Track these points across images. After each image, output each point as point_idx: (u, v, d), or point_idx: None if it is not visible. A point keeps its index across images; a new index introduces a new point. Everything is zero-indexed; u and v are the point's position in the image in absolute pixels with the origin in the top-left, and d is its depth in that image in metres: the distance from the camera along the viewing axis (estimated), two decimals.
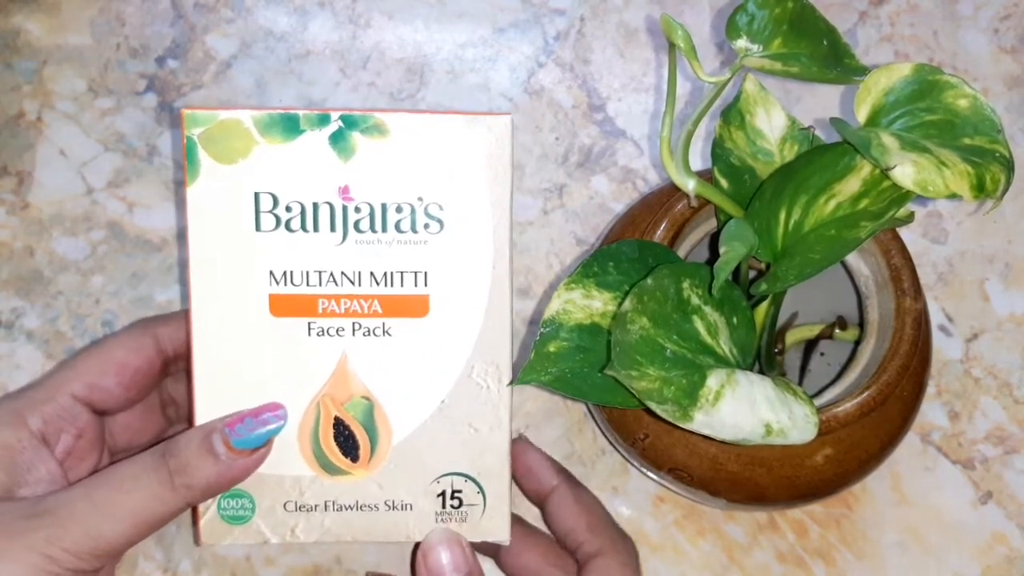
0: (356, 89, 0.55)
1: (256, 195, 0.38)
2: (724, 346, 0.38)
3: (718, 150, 0.41)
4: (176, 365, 0.43)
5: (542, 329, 0.38)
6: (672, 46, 0.37)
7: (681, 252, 0.44)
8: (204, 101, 0.54)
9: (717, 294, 0.37)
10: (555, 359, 0.38)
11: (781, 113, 0.41)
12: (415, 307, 0.39)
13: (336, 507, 0.40)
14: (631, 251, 0.39)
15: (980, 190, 0.34)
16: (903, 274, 0.41)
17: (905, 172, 0.34)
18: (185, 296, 0.52)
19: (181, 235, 0.52)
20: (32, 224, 0.52)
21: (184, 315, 0.43)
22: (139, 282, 0.52)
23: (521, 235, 0.53)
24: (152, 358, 0.41)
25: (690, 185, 0.40)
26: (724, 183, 0.41)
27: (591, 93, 0.55)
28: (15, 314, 0.51)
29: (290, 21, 0.56)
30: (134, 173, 0.53)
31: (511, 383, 0.40)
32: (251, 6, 0.56)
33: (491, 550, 0.45)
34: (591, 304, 0.38)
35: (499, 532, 0.41)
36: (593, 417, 0.50)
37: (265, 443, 0.38)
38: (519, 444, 0.45)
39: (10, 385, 0.51)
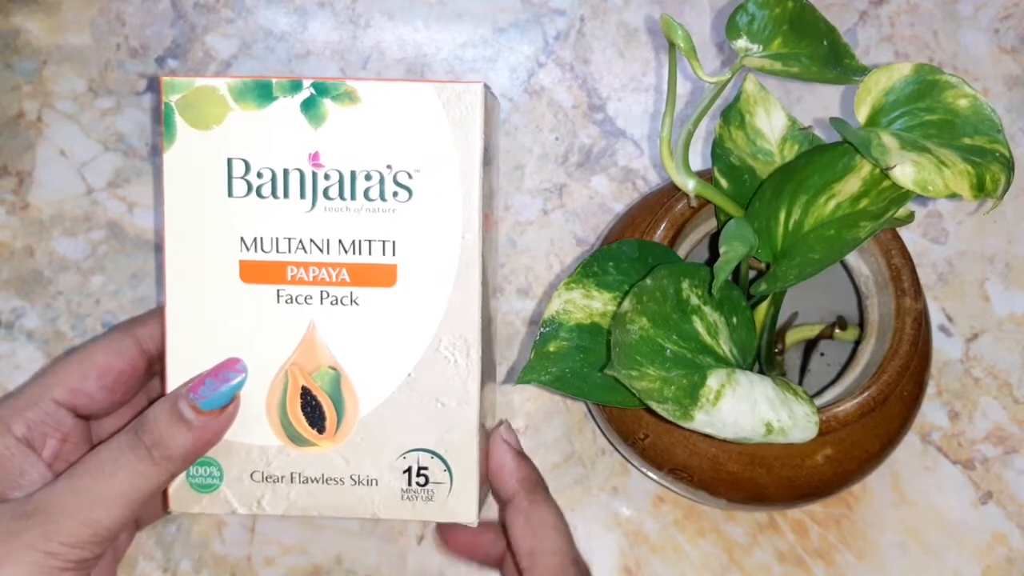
0: None
1: (229, 161, 0.38)
2: (724, 346, 0.38)
3: (718, 150, 0.41)
4: (162, 364, 0.43)
5: (542, 329, 0.38)
6: (672, 46, 0.37)
7: (681, 252, 0.44)
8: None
9: (717, 294, 0.37)
10: (555, 359, 0.38)
11: (781, 113, 0.41)
12: (383, 277, 0.39)
13: (302, 479, 0.39)
14: (631, 251, 0.39)
15: (980, 190, 0.34)
16: (903, 274, 0.41)
17: (905, 172, 0.34)
18: None
19: None
20: (32, 224, 0.52)
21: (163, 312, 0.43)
22: (139, 282, 0.52)
23: (521, 235, 0.53)
24: (135, 359, 0.41)
25: (690, 185, 0.40)
26: (724, 183, 0.41)
27: (591, 93, 0.55)
28: (15, 314, 0.51)
29: (290, 21, 0.56)
30: (134, 173, 0.53)
31: (511, 383, 0.40)
32: (251, 6, 0.56)
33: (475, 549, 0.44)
34: (591, 304, 0.38)
35: (466, 513, 0.40)
36: (593, 417, 0.50)
37: (231, 400, 0.38)
38: (494, 435, 0.42)
39: (10, 385, 0.51)
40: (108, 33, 0.55)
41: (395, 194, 0.38)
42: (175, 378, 0.39)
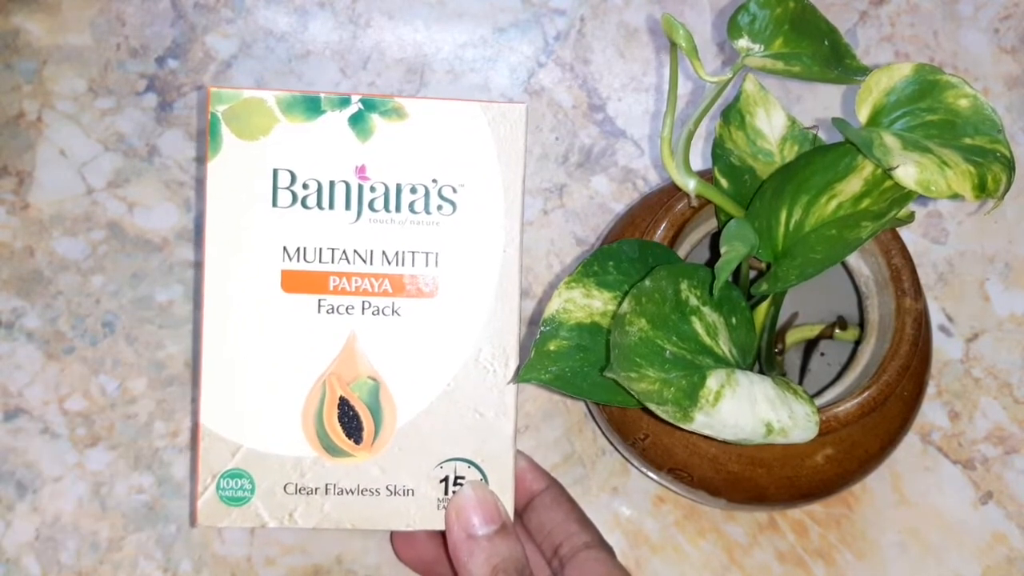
0: (356, 89, 0.55)
1: (275, 171, 0.39)
2: (723, 347, 0.38)
3: (718, 150, 0.41)
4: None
5: (542, 328, 0.38)
6: (673, 45, 0.37)
7: (681, 252, 0.44)
8: (204, 102, 0.54)
9: (717, 295, 0.37)
10: (555, 358, 0.37)
11: (781, 113, 0.41)
12: (425, 287, 0.39)
13: (337, 491, 0.39)
14: (631, 251, 0.39)
15: (982, 190, 0.34)
16: (903, 274, 0.41)
17: (908, 172, 0.34)
18: (185, 296, 0.52)
19: (181, 235, 0.52)
20: (32, 224, 0.52)
21: None
22: (139, 282, 0.52)
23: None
24: None
25: (690, 185, 0.40)
26: (724, 183, 0.41)
27: (591, 93, 0.55)
28: (15, 314, 0.51)
29: (290, 21, 0.56)
30: (134, 173, 0.53)
31: (511, 381, 0.40)
32: (251, 6, 0.56)
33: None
34: (591, 303, 0.38)
35: None
36: (593, 417, 0.50)
37: None
38: None
39: (10, 385, 0.51)
40: (108, 33, 0.55)
41: (439, 207, 0.39)
42: (209, 387, 0.39)
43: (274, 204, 0.39)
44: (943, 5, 0.56)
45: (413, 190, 0.39)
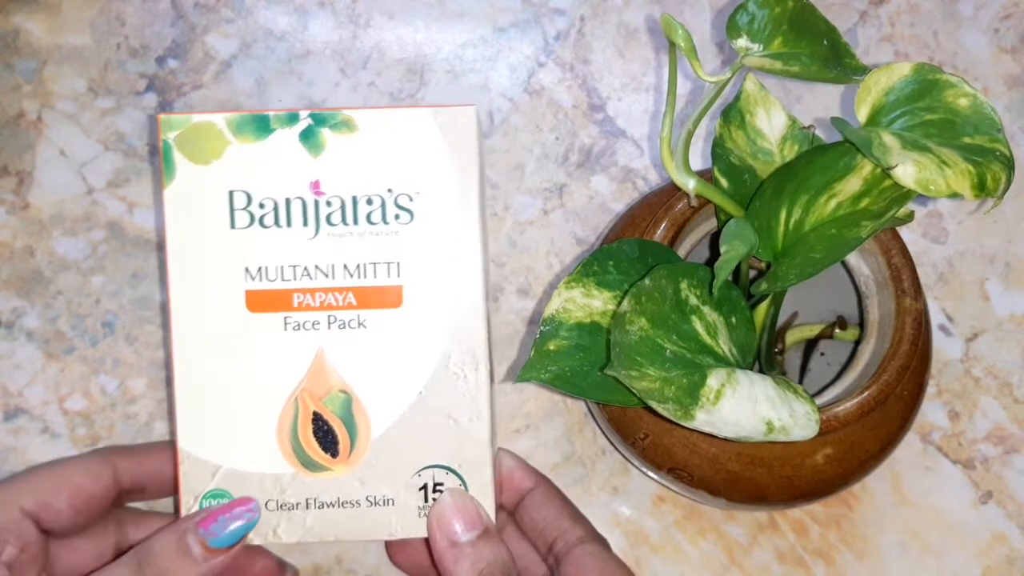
0: (356, 89, 0.55)
1: (230, 193, 0.39)
2: (723, 346, 0.38)
3: (718, 150, 0.41)
4: (130, 497, 0.42)
5: (542, 327, 0.38)
6: (672, 45, 0.37)
7: (681, 252, 0.44)
8: (204, 101, 0.54)
9: (716, 294, 0.37)
10: (555, 357, 0.38)
11: (781, 113, 0.41)
12: (389, 298, 0.39)
13: (318, 505, 0.40)
14: (631, 250, 0.39)
15: (981, 189, 0.34)
16: (903, 274, 0.41)
17: (907, 171, 0.34)
18: None
19: None
20: (32, 224, 0.52)
21: (145, 449, 0.42)
22: (139, 282, 0.52)
23: (521, 235, 0.53)
24: (108, 487, 0.40)
25: (690, 185, 0.40)
26: (724, 183, 0.41)
27: (591, 93, 0.55)
28: (15, 314, 0.51)
29: (290, 21, 0.56)
30: (134, 173, 0.53)
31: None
32: (251, 6, 0.56)
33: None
34: (591, 303, 0.38)
35: None
36: (593, 417, 0.50)
37: (242, 539, 0.38)
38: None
39: (10, 385, 0.51)
40: (108, 33, 0.55)
41: (397, 217, 0.39)
42: (184, 411, 0.39)
43: (232, 226, 0.39)
44: (943, 5, 0.56)
45: (369, 201, 0.39)
